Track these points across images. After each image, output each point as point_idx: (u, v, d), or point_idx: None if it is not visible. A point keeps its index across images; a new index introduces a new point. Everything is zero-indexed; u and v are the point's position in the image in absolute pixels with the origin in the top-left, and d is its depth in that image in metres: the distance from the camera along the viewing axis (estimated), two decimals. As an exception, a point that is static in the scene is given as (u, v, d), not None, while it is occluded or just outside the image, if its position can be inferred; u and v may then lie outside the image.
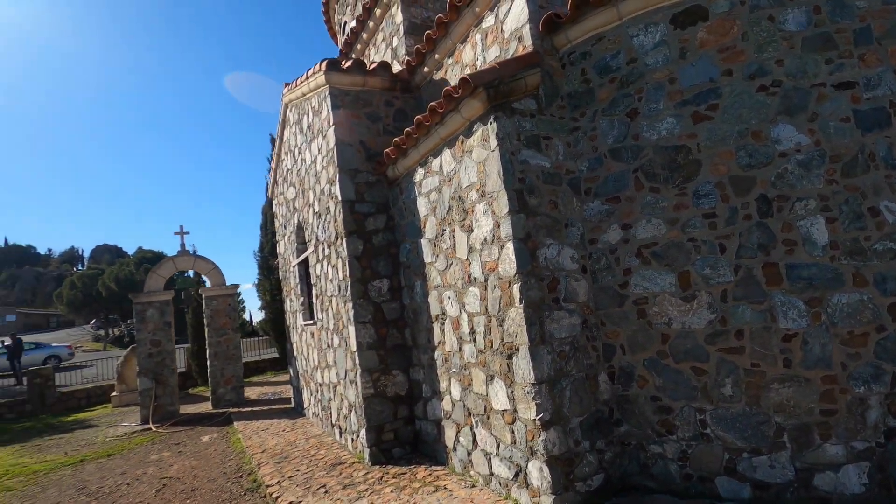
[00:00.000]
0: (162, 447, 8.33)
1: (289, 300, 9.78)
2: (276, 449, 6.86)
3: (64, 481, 7.05)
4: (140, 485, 6.41)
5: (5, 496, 6.68)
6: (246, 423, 9.00)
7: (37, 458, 8.57)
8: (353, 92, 6.14)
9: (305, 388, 8.70)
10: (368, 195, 6.03)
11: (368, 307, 5.77)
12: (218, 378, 11.47)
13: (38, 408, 13.66)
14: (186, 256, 11.69)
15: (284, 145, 9.08)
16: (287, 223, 9.29)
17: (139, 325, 10.82)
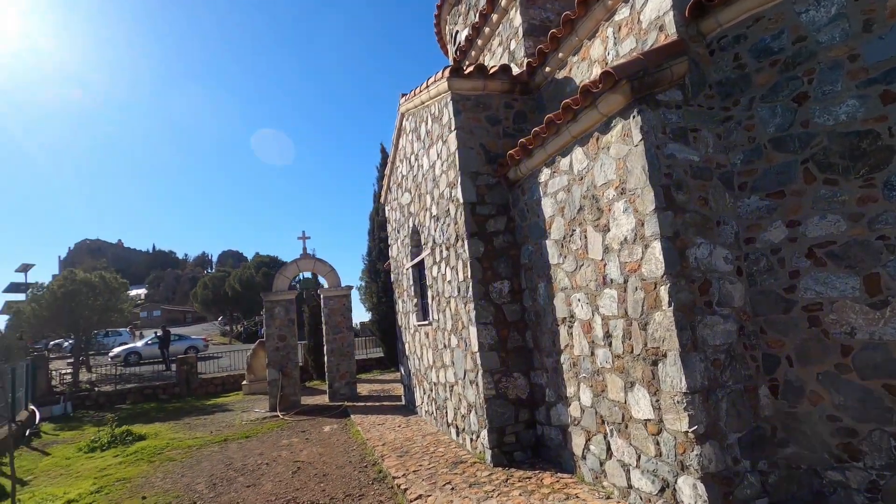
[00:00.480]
0: (290, 433, 9.07)
1: (401, 301, 10.17)
2: (396, 443, 7.13)
3: (213, 457, 7.95)
4: (277, 466, 7.01)
5: (171, 465, 7.69)
6: (362, 417, 9.49)
7: (189, 435, 9.77)
8: (473, 96, 6.25)
9: (418, 387, 8.96)
10: (489, 197, 6.08)
11: (490, 308, 5.80)
12: (334, 373, 12.26)
13: (184, 391, 15.61)
14: (308, 259, 12.68)
15: (399, 153, 9.50)
16: (400, 227, 9.70)
17: (268, 321, 11.93)
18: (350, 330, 12.64)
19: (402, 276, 9.89)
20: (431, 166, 7.25)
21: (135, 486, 6.72)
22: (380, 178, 17.83)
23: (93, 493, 6.53)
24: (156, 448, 8.75)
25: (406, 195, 9.03)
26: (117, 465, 7.96)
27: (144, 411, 13.34)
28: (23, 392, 12.40)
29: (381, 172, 17.81)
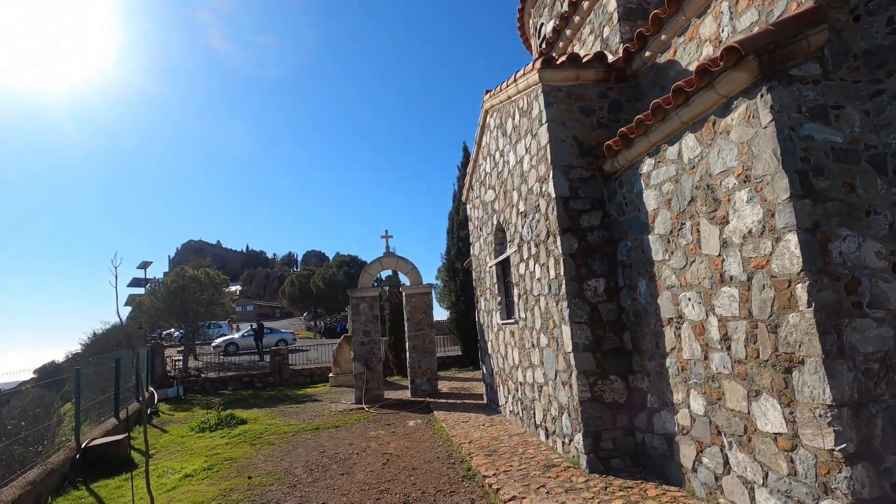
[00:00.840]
0: (376, 426, 9.33)
1: (483, 300, 10.11)
2: (482, 442, 7.07)
3: (307, 444, 8.36)
4: (367, 456, 7.22)
5: (270, 449, 8.20)
6: (445, 414, 9.55)
7: (284, 422, 10.38)
8: (565, 87, 6.02)
9: (501, 386, 8.85)
10: (582, 191, 5.82)
11: (584, 307, 5.55)
12: (416, 369, 12.47)
13: (277, 380, 16.68)
14: (390, 257, 13.02)
15: (483, 150, 9.44)
16: (483, 225, 9.63)
17: (354, 316, 12.39)
18: (431, 327, 12.79)
19: (484, 274, 9.83)
20: (519, 162, 7.10)
21: (240, 466, 7.23)
22: (461, 176, 17.92)
23: (205, 470, 7.11)
24: (256, 432, 9.38)
25: (490, 192, 8.95)
26: (224, 445, 8.63)
27: (243, 398, 14.41)
28: (144, 375, 13.89)
29: (462, 171, 17.89)
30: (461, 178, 17.93)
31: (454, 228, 17.54)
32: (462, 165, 17.97)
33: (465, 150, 18.10)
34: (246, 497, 5.84)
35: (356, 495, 5.59)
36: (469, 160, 18.06)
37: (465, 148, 18.12)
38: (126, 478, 7.14)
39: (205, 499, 5.87)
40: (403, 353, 17.46)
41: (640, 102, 5.92)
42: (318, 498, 5.62)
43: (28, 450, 6.84)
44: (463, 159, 17.97)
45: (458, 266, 17.33)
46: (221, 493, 6.05)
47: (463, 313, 17.34)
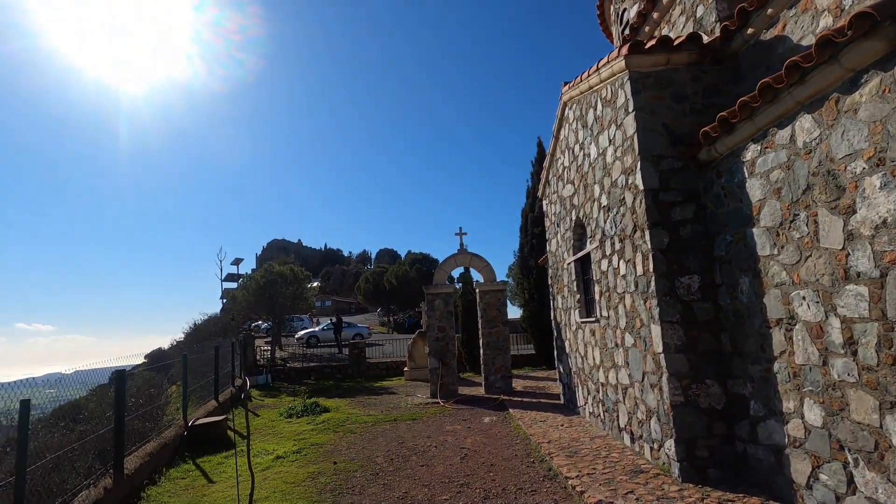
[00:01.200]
0: (452, 421, 9.41)
1: (560, 297, 9.86)
2: (562, 442, 6.89)
3: (387, 434, 8.62)
4: (445, 450, 7.30)
5: (352, 437, 8.55)
6: (521, 412, 9.42)
7: (364, 412, 10.78)
8: (654, 73, 5.68)
9: (580, 387, 8.57)
10: (674, 183, 5.47)
11: (676, 305, 5.22)
12: (490, 366, 12.43)
13: (355, 372, 17.38)
14: (465, 254, 13.07)
15: (560, 144, 9.19)
16: (561, 221, 9.38)
17: (429, 312, 12.60)
18: (505, 325, 12.69)
19: (561, 271, 9.57)
20: (601, 154, 6.82)
21: (326, 452, 7.60)
22: (534, 172, 17.63)
23: (294, 453, 7.55)
24: (338, 421, 9.83)
25: (568, 187, 8.69)
26: (310, 431, 9.12)
27: (325, 387, 15.17)
28: (238, 363, 15.05)
29: (536, 167, 17.58)
30: (535, 173, 17.62)
31: (528, 225, 17.27)
32: (536, 161, 17.66)
33: (539, 145, 17.77)
34: (332, 481, 6.12)
35: (437, 487, 5.67)
36: (544, 155, 17.75)
37: (540, 143, 17.79)
38: (226, 455, 7.77)
39: (295, 479, 6.23)
40: (476, 349, 17.51)
41: (740, 85, 5.46)
42: (400, 487, 5.76)
43: (145, 424, 7.64)
44: (537, 155, 17.66)
45: (531, 263, 17.05)
46: (310, 475, 6.39)
47: (536, 311, 17.05)
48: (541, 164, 17.58)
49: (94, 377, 7.34)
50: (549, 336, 17.20)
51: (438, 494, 5.43)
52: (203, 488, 6.19)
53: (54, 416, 6.70)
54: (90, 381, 7.07)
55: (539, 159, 17.59)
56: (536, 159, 17.60)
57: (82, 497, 5.01)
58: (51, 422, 6.42)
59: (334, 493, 5.67)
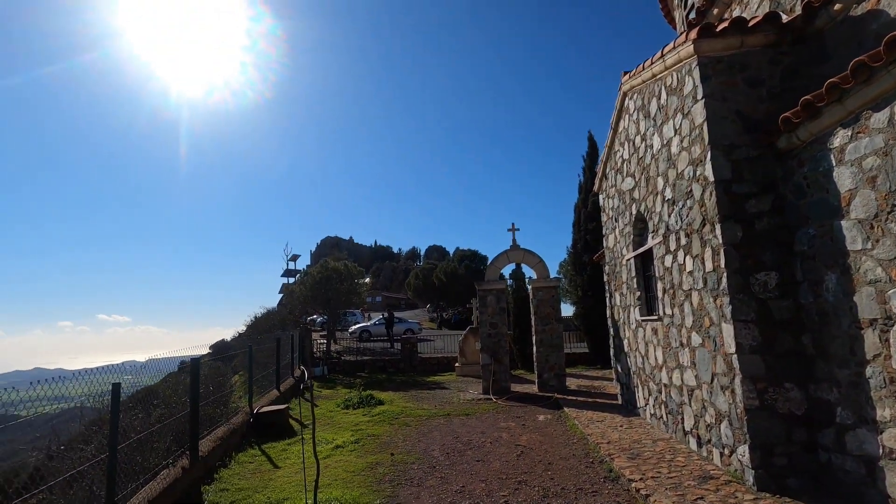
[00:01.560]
0: (506, 417, 9.35)
1: (618, 295, 9.55)
2: (622, 444, 6.67)
3: (441, 428, 8.69)
4: (500, 447, 7.26)
5: (407, 430, 8.68)
6: (576, 411, 9.22)
7: (417, 406, 10.93)
8: (725, 57, 5.36)
9: (640, 387, 8.27)
10: (748, 173, 5.14)
11: (750, 303, 4.91)
12: (543, 364, 12.25)
13: (407, 367, 17.64)
14: (517, 251, 12.93)
15: (619, 136, 8.88)
16: (619, 216, 9.07)
17: (481, 308, 12.57)
18: (559, 322, 12.46)
19: (619, 267, 9.26)
20: (665, 145, 6.53)
21: (382, 443, 7.76)
22: (586, 167, 17.17)
23: (353, 443, 7.76)
24: (393, 413, 10.01)
25: (628, 180, 8.39)
26: (366, 422, 9.35)
27: (379, 381, 15.50)
28: (296, 355, 15.66)
29: (587, 162, 17.13)
30: (587, 168, 17.16)
31: (581, 221, 16.86)
32: (587, 155, 17.18)
33: (589, 139, 17.29)
34: (390, 472, 6.24)
35: (494, 483, 5.65)
36: (595, 150, 17.29)
37: (591, 137, 17.30)
38: (288, 442, 8.10)
39: (355, 468, 6.40)
40: (528, 346, 17.32)
41: (825, 66, 5.04)
42: (457, 481, 5.79)
43: (215, 410, 8.10)
44: (588, 149, 17.19)
45: (585, 260, 16.64)
46: (369, 465, 6.55)
47: (590, 309, 16.63)
48: (592, 158, 17.12)
49: (166, 366, 7.78)
50: (604, 334, 16.73)
51: (496, 490, 5.41)
52: (269, 473, 6.48)
53: (131, 400, 7.26)
54: (162, 369, 7.51)
55: (591, 154, 17.11)
56: (588, 154, 17.14)
57: (163, 475, 5.38)
58: (129, 405, 6.96)
59: (393, 484, 5.77)
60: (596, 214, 16.29)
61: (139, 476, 5.10)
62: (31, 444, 5.74)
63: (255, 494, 5.58)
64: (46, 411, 4.18)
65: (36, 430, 4.55)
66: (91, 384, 4.37)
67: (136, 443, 5.36)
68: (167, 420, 6.15)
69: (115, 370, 4.67)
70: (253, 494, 5.59)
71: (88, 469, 4.39)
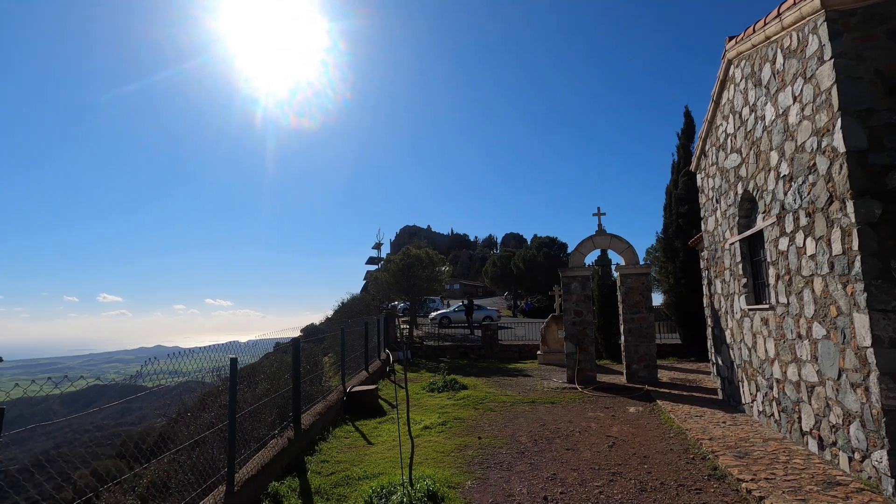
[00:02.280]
0: (594, 407, 9.07)
1: (719, 282, 8.83)
2: (727, 441, 6.20)
3: (526, 415, 8.63)
4: (590, 436, 7.06)
5: (492, 415, 8.73)
6: (671, 405, 8.72)
7: (501, 392, 10.94)
8: (860, 9, 4.67)
9: (746, 382, 7.62)
10: (889, 141, 4.47)
11: (891, 291, 4.30)
12: (632, 354, 11.71)
13: (488, 353, 17.72)
14: (604, 236, 12.40)
15: (722, 109, 8.13)
16: (721, 196, 8.35)
17: (565, 295, 12.24)
18: (650, 311, 11.81)
19: (721, 252, 8.55)
20: (781, 114, 5.87)
21: (469, 426, 7.86)
22: (681, 146, 16.00)
23: (440, 425, 7.94)
24: (477, 398, 10.11)
25: (732, 157, 7.67)
26: (451, 406, 9.52)
27: (461, 366, 15.72)
28: (382, 339, 16.32)
29: (682, 140, 15.95)
30: (682, 147, 15.97)
31: (672, 204, 15.77)
32: (682, 133, 15.98)
33: (686, 115, 16.04)
34: (479, 454, 6.31)
35: (587, 473, 5.51)
36: (692, 127, 16.04)
37: (687, 112, 16.04)
38: (379, 421, 8.47)
39: (445, 449, 6.55)
40: (612, 336, 16.68)
41: None
42: (548, 468, 5.71)
43: (311, 388, 8.68)
44: (684, 126, 15.97)
45: (677, 245, 15.59)
46: (458, 447, 6.67)
47: (683, 297, 15.59)
48: (688, 136, 15.90)
49: (263, 346, 8.37)
50: (698, 325, 15.65)
51: (590, 480, 5.27)
52: (363, 448, 6.83)
53: (237, 376, 8.06)
54: (259, 350, 8.10)
55: (686, 131, 15.89)
56: (683, 131, 15.93)
57: (272, 444, 5.86)
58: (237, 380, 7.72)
59: (482, 466, 5.83)
60: (690, 196, 15.17)
61: (251, 444, 5.60)
62: (156, 411, 6.49)
63: (353, 468, 5.90)
64: (167, 384, 4.54)
65: (162, 398, 5.01)
66: (202, 360, 4.74)
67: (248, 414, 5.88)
68: (273, 395, 6.68)
69: (222, 349, 5.05)
70: (350, 467, 5.91)
71: (210, 435, 4.90)
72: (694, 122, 15.85)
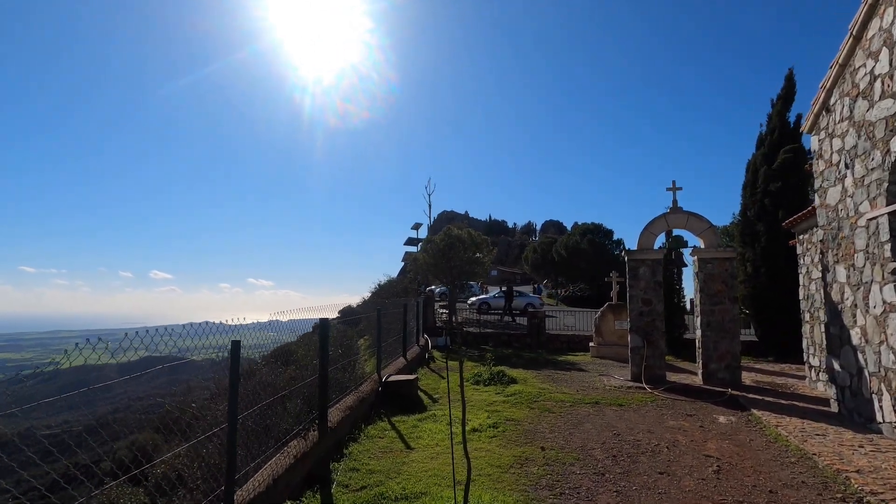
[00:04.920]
0: (674, 415, 7.57)
1: (842, 268, 7.08)
2: (885, 476, 4.63)
3: (592, 419, 7.23)
4: (682, 455, 5.61)
5: (551, 417, 7.37)
6: (774, 416, 7.12)
7: (556, 388, 9.55)
8: None
9: (888, 395, 5.95)
10: None
11: None
12: (710, 352, 10.05)
13: (534, 343, 16.31)
14: (679, 214, 10.68)
15: (868, 43, 6.32)
16: (856, 159, 6.57)
17: (632, 281, 10.65)
18: (734, 302, 10.08)
19: (851, 231, 6.80)
20: None
21: (525, 431, 6.56)
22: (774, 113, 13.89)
23: (490, 427, 6.67)
24: (530, 395, 8.77)
25: (885, 103, 5.90)
26: (501, 402, 8.23)
27: (506, 356, 14.39)
28: (420, 323, 15.19)
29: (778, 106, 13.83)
30: (776, 114, 13.84)
31: (758, 181, 13.73)
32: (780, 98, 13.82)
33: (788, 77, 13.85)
34: (545, 473, 4.99)
35: (698, 512, 4.10)
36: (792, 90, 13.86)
37: (790, 76, 13.84)
38: (419, 417, 7.29)
39: (501, 462, 5.26)
40: (675, 328, 14.93)
41: None
42: (642, 500, 4.34)
43: (344, 375, 7.59)
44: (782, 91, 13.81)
45: (759, 228, 13.61)
46: (517, 459, 5.38)
47: (763, 288, 13.65)
48: (787, 102, 13.77)
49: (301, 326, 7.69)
50: (779, 320, 13.70)
51: (708, 526, 3.86)
52: (401, 454, 5.65)
53: (273, 355, 7.22)
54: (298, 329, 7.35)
55: (785, 96, 13.74)
56: (781, 96, 13.78)
57: (292, 446, 4.75)
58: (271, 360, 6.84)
59: (554, 492, 4.51)
60: (783, 173, 13.13)
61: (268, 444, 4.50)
62: (202, 382, 6.01)
63: (388, 481, 4.71)
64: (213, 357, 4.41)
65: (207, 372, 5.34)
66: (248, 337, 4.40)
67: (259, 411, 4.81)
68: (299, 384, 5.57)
69: (263, 327, 5.00)
70: (386, 481, 4.73)
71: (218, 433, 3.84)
72: (795, 86, 13.68)
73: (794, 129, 13.73)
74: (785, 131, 13.66)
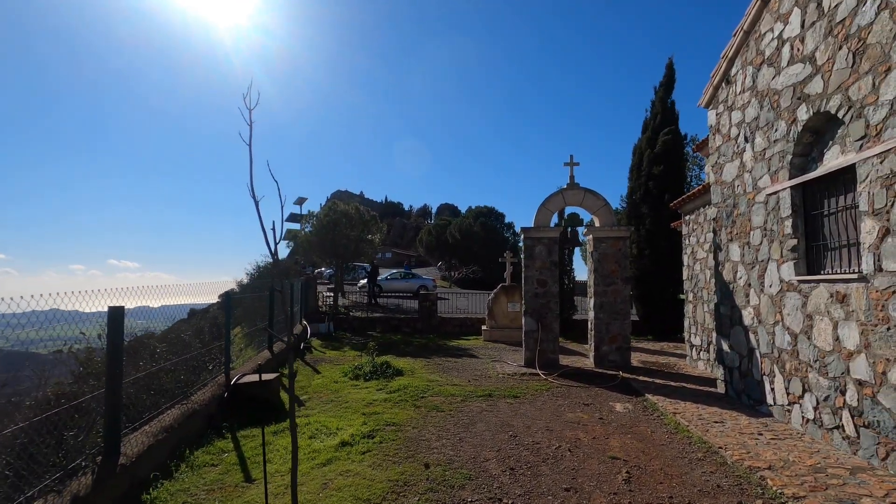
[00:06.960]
0: (570, 404, 6.92)
1: (737, 246, 6.88)
2: (795, 470, 4.18)
3: (485, 417, 6.28)
4: (587, 457, 4.82)
5: (440, 416, 6.26)
6: (668, 402, 6.77)
7: (446, 380, 8.52)
8: None
9: (780, 377, 5.74)
10: None
11: None
12: (602, 333, 9.75)
13: (425, 327, 15.30)
14: (576, 190, 10.19)
15: (773, 7, 5.94)
16: (758, 131, 6.27)
17: (527, 261, 9.98)
18: (626, 283, 9.86)
19: (748, 207, 6.55)
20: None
21: (409, 439, 5.36)
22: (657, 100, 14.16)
23: (365, 438, 5.37)
24: (417, 389, 7.63)
25: (794, 69, 5.53)
26: (383, 402, 6.97)
27: (393, 343, 13.17)
28: (298, 308, 13.33)
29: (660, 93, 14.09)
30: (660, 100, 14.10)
31: (643, 164, 13.95)
32: (662, 85, 14.09)
33: (669, 66, 14.14)
34: (426, 501, 3.82)
35: (619, 549, 3.19)
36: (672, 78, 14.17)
37: (670, 64, 14.13)
38: (276, 429, 5.75)
39: (371, 494, 3.97)
40: (566, 310, 14.88)
41: None
42: (549, 536, 3.34)
43: (191, 377, 5.74)
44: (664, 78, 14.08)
45: (643, 211, 13.89)
46: (392, 486, 4.13)
47: (647, 270, 14.01)
48: (668, 89, 14.07)
49: (176, 312, 6.50)
50: (660, 301, 14.21)
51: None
52: (236, 490, 4.10)
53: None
54: (172, 316, 6.30)
55: (666, 84, 14.03)
56: (663, 84, 14.04)
57: None
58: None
59: (438, 537, 3.34)
60: (665, 156, 13.41)
61: None
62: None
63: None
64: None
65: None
66: None
67: None
68: (76, 401, 3.72)
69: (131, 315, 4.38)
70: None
71: None
72: (675, 75, 14.01)
73: (672, 112, 14.20)
74: (667, 116, 14.05)
